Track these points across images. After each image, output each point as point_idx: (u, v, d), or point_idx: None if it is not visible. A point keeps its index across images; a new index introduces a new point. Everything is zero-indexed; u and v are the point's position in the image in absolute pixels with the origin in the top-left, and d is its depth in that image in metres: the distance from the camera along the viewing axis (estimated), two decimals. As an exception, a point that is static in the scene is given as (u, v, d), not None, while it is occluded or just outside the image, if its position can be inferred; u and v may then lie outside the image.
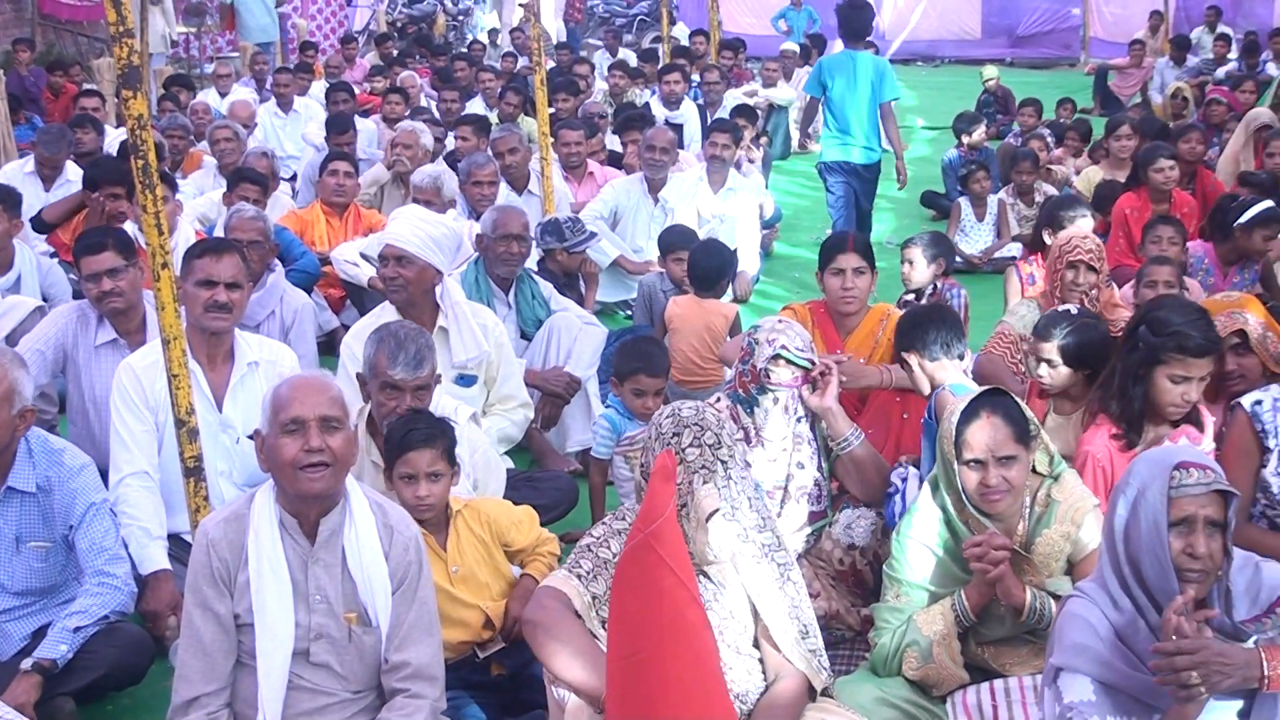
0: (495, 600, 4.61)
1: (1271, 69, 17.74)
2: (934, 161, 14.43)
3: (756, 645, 4.02)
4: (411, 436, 4.50)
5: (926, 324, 5.26)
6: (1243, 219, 7.74)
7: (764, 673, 4.00)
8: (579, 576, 3.94)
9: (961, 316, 6.85)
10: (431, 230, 6.13)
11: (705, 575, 3.92)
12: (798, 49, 17.84)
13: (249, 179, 8.86)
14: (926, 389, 5.25)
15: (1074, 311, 5.49)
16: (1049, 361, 5.30)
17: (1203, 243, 8.08)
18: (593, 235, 8.47)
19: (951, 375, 5.20)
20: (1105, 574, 3.52)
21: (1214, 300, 5.30)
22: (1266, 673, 3.24)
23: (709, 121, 12.30)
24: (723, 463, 3.93)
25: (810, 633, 4.04)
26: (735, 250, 9.68)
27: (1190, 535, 3.36)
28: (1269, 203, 7.81)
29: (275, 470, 3.88)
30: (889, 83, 10.03)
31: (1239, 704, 3.40)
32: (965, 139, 12.69)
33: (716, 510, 3.85)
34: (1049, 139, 13.18)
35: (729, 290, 9.32)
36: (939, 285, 7.40)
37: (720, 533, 3.86)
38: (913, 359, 5.27)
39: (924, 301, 7.13)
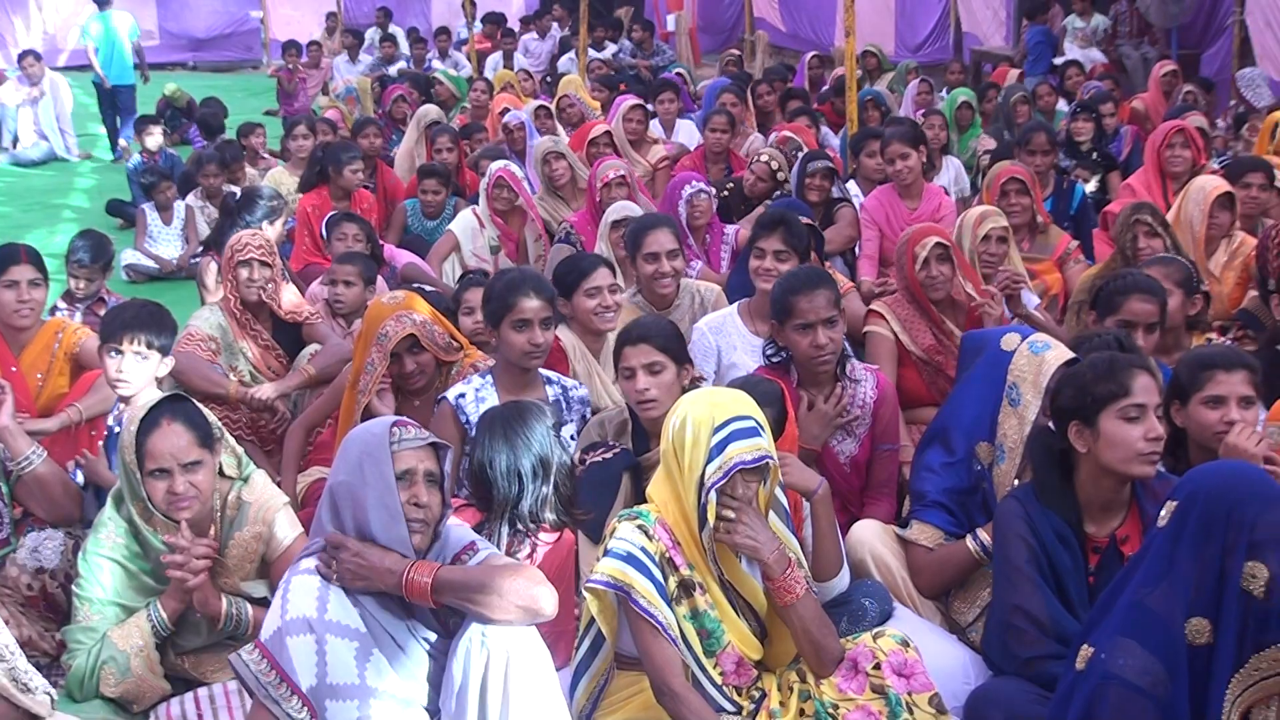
0: None
1: (437, 64, 19.24)
2: (119, 170, 14.38)
3: None
4: None
5: None
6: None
7: None
8: None
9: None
10: None
11: None
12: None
13: None
14: None
15: None
16: None
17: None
18: None
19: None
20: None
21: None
22: (404, 580, 3.50)
23: None
24: None
25: (11, 651, 3.79)
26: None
27: (413, 486, 3.58)
28: None
29: None
30: (134, 28, 17.41)
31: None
32: (146, 139, 12.58)
33: None
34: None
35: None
36: None
37: None
38: None
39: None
